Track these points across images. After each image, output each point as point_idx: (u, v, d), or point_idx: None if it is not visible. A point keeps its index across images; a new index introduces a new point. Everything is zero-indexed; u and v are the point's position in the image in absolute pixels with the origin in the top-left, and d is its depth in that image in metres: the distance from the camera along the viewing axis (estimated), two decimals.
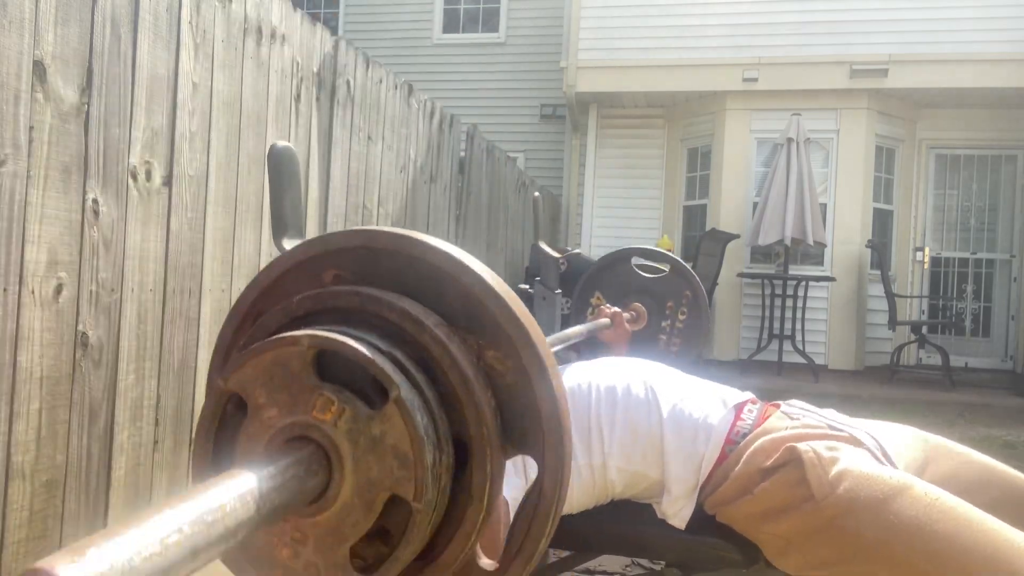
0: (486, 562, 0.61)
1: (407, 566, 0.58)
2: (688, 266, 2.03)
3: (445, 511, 0.57)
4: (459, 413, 0.57)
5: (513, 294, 0.60)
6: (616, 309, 1.77)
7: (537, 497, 0.59)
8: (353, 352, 0.54)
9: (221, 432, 0.57)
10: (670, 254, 2.05)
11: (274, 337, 0.57)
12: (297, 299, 0.62)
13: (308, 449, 0.52)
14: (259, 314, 0.64)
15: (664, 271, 2.02)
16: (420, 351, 0.57)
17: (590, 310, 2.01)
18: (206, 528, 0.41)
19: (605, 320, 1.74)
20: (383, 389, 0.53)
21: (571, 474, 1.16)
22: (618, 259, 2.07)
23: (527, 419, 0.59)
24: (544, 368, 0.59)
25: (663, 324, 1.98)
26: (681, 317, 1.98)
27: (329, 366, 0.55)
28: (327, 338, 0.55)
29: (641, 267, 2.04)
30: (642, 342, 1.97)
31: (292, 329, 0.57)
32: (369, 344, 0.55)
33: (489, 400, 0.58)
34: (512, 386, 0.59)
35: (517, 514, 0.61)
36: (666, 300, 1.99)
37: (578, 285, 2.07)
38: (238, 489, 0.44)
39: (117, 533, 0.37)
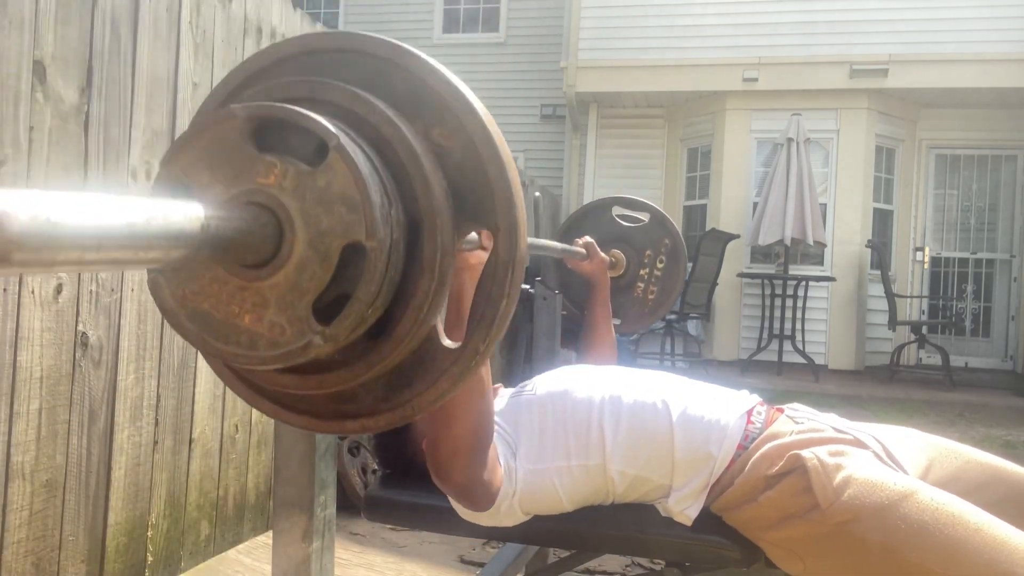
0: (448, 341, 0.61)
1: (364, 341, 0.58)
2: (668, 216, 2.02)
3: (399, 287, 0.57)
4: (411, 189, 0.57)
5: (455, 77, 0.60)
6: (589, 238, 1.75)
7: (493, 262, 0.59)
8: (287, 113, 0.53)
9: None
10: (650, 203, 2.04)
11: (208, 114, 0.56)
12: (248, 93, 0.62)
13: (255, 208, 0.52)
14: None
15: (644, 221, 2.02)
16: (371, 132, 0.57)
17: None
18: (145, 221, 0.41)
19: (580, 250, 1.71)
20: (325, 148, 0.53)
21: (562, 474, 1.17)
22: (599, 207, 2.06)
23: (478, 192, 0.59)
24: (489, 135, 0.58)
25: (641, 272, 1.98)
26: (659, 266, 1.98)
27: (270, 142, 0.55)
28: (261, 105, 0.54)
29: (622, 216, 2.03)
30: (620, 290, 1.97)
31: None
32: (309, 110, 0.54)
33: (439, 178, 0.58)
34: (461, 164, 0.59)
35: (477, 289, 0.61)
36: (645, 249, 1.99)
37: (558, 232, 2.06)
38: (185, 208, 0.45)
39: (61, 194, 0.37)
